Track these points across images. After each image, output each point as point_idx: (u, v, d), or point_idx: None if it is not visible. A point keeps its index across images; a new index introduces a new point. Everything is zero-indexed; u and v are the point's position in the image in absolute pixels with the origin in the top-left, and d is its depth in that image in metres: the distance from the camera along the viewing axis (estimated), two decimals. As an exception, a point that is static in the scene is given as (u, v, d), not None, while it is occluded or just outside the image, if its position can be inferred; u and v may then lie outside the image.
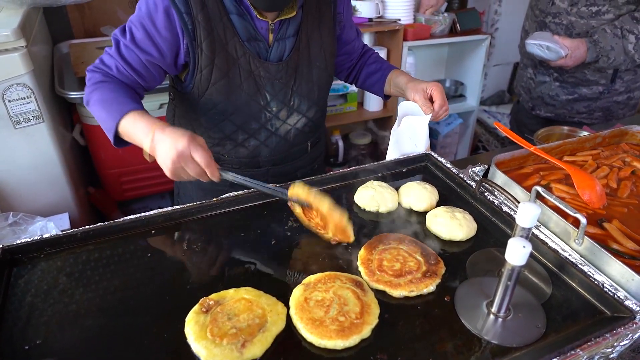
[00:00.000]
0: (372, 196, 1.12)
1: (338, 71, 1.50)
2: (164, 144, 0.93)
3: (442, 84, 1.30)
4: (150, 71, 1.13)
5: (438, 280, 0.89)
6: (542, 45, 1.80)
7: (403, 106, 1.35)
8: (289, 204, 1.02)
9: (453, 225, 1.02)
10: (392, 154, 1.33)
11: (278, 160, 1.34)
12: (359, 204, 1.13)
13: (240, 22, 1.12)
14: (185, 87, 1.20)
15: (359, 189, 1.16)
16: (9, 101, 1.61)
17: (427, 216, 1.08)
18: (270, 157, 1.32)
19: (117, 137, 1.04)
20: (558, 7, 1.84)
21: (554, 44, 1.78)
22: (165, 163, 0.94)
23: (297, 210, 1.01)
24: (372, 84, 1.47)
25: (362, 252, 0.95)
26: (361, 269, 0.92)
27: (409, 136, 1.33)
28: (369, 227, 1.07)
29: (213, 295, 0.83)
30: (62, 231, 1.00)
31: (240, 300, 0.82)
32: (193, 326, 0.77)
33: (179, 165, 0.93)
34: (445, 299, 0.86)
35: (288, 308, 0.82)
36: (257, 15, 1.12)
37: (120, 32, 1.11)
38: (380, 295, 0.86)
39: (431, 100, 1.27)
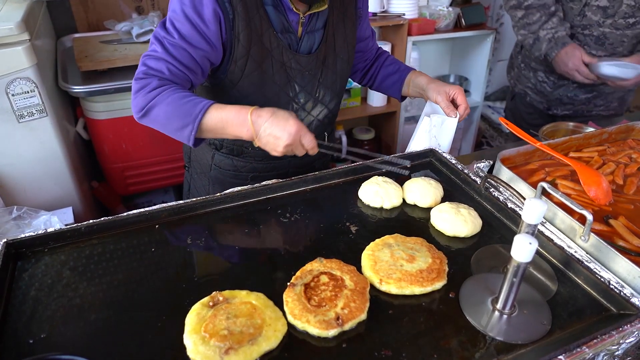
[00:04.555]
0: (377, 192, 1.11)
1: (352, 72, 1.50)
2: (273, 130, 0.98)
3: (446, 80, 1.31)
4: (200, 67, 1.08)
5: (444, 282, 0.87)
6: (618, 65, 1.72)
7: (430, 104, 1.37)
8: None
9: (458, 221, 1.01)
10: (416, 145, 1.34)
11: None
12: (363, 200, 1.13)
13: (275, 14, 1.13)
14: (216, 79, 1.18)
15: (363, 184, 1.16)
16: (13, 95, 1.61)
17: (432, 212, 1.07)
18: None
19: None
20: (590, 19, 1.77)
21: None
22: (277, 148, 1.00)
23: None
24: (389, 85, 1.47)
25: (366, 259, 0.92)
26: (369, 272, 0.89)
27: (434, 134, 1.34)
28: (372, 223, 1.06)
29: (226, 292, 0.82)
30: (66, 225, 1.01)
31: (247, 303, 0.80)
32: (194, 317, 0.77)
33: (290, 149, 1.00)
34: (450, 295, 0.86)
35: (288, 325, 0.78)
36: (293, 8, 1.13)
37: (163, 30, 1.05)
38: (385, 292, 0.86)
39: (453, 102, 1.30)
